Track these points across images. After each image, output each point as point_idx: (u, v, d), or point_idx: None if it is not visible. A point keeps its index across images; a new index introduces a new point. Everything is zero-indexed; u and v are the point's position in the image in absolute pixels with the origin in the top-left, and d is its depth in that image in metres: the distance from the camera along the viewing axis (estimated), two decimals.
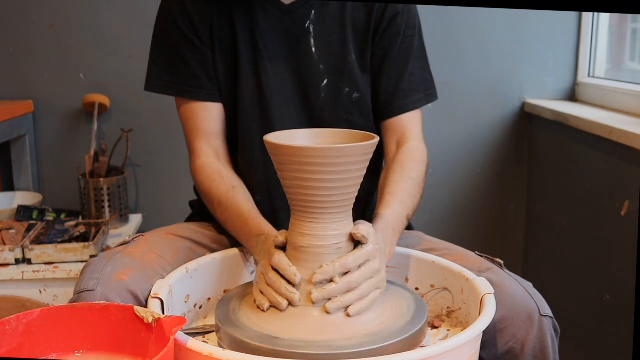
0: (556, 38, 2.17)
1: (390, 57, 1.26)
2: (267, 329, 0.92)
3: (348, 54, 1.23)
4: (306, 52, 1.22)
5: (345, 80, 1.23)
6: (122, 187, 2.01)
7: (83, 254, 1.72)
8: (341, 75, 1.23)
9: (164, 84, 1.25)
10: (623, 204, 1.63)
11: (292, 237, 0.97)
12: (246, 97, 1.23)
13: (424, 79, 1.30)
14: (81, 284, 1.01)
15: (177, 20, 1.22)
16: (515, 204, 2.27)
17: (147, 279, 1.03)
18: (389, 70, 1.26)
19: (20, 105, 2.07)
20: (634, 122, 1.71)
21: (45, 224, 1.88)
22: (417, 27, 1.29)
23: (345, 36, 1.23)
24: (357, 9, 1.23)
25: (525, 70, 2.19)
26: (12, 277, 1.69)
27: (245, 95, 1.23)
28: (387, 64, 1.26)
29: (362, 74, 1.25)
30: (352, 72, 1.24)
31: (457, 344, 0.84)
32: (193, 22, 1.22)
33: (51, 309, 0.86)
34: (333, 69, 1.23)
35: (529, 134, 2.21)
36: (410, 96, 1.28)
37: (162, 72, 1.25)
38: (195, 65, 1.23)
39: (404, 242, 1.23)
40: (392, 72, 1.26)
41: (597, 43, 2.13)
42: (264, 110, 1.23)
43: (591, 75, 2.16)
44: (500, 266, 1.11)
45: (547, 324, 1.02)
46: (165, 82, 1.25)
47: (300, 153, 0.91)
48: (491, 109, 2.21)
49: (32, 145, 2.14)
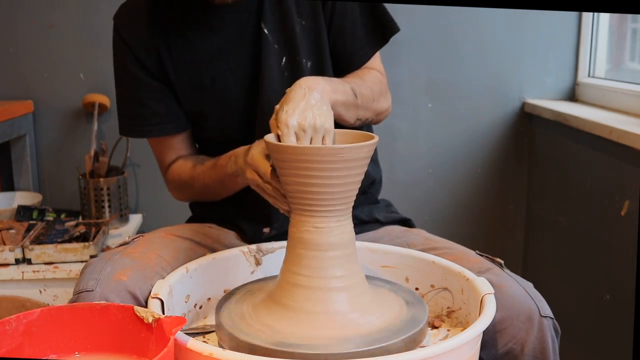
0: (556, 38, 2.17)
1: (339, 15, 1.25)
2: (267, 329, 0.92)
3: (296, 25, 1.23)
4: (260, 36, 1.22)
5: (297, 53, 1.23)
6: (122, 187, 2.01)
7: (83, 254, 1.72)
8: (294, 47, 1.23)
9: (129, 128, 1.30)
10: (623, 204, 1.63)
11: (293, 234, 0.97)
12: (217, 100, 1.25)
13: (376, 20, 1.28)
14: (80, 284, 1.01)
15: (126, 64, 1.25)
16: (515, 204, 2.27)
17: (146, 279, 1.03)
18: (342, 25, 1.26)
19: (20, 105, 2.07)
20: (634, 122, 1.71)
21: (45, 224, 1.88)
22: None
23: (290, 12, 1.23)
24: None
25: (525, 70, 2.19)
26: (12, 277, 1.69)
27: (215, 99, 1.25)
28: (339, 20, 1.25)
29: (316, 40, 1.25)
30: (305, 42, 1.24)
31: (457, 344, 0.84)
32: (139, 59, 1.23)
33: (51, 309, 0.86)
34: (287, 45, 1.23)
35: (529, 134, 2.21)
36: (368, 43, 1.28)
37: (125, 117, 1.29)
38: (153, 104, 1.25)
39: (404, 241, 1.23)
40: (345, 26, 1.26)
41: (597, 43, 2.13)
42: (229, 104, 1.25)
43: (591, 75, 2.16)
44: (500, 266, 1.11)
45: (547, 325, 1.02)
46: (129, 126, 1.29)
47: (301, 153, 0.91)
48: (491, 109, 2.21)
49: (32, 145, 2.14)
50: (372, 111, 1.23)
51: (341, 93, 1.11)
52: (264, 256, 1.17)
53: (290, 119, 0.97)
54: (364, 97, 1.18)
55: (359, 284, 0.97)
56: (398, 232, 1.29)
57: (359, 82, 1.20)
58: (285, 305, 0.95)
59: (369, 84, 1.22)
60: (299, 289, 0.95)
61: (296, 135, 0.98)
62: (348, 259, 0.96)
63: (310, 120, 0.98)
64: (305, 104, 0.99)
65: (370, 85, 1.22)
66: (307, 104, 0.99)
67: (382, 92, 1.26)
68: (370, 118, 1.24)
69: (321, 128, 0.99)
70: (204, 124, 1.27)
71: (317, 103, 1.00)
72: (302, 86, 1.03)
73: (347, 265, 0.96)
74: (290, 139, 0.97)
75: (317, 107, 1.00)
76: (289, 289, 0.95)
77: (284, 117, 0.98)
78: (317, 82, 1.05)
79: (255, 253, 1.17)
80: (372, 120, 1.26)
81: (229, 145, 1.21)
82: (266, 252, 1.17)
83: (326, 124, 0.99)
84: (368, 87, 1.21)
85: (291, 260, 0.97)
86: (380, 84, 1.27)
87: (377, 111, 1.25)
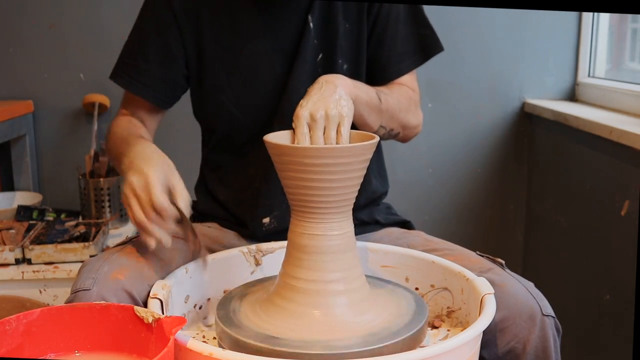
0: (556, 38, 2.17)
1: (381, 25, 1.25)
2: (267, 329, 0.92)
3: (340, 25, 1.23)
4: (304, 27, 1.22)
5: (336, 53, 1.23)
6: (122, 187, 2.01)
7: (83, 254, 1.72)
8: (333, 47, 1.23)
9: (119, 74, 1.28)
10: (623, 204, 1.63)
11: (293, 237, 0.97)
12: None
13: (418, 36, 1.28)
14: (78, 283, 1.01)
15: (157, 14, 1.23)
16: (515, 204, 2.27)
17: (144, 279, 1.02)
18: (384, 39, 1.26)
19: (20, 105, 2.07)
20: (634, 122, 1.71)
21: (45, 224, 1.88)
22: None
23: (337, 11, 1.22)
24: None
25: (525, 70, 2.19)
26: (12, 277, 1.69)
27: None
28: (380, 31, 1.25)
29: (356, 46, 1.25)
30: (345, 44, 1.23)
31: (457, 344, 0.84)
32: (176, 15, 1.22)
33: (51, 309, 0.86)
34: (327, 43, 1.23)
35: (529, 134, 2.21)
36: (405, 59, 1.28)
37: (122, 64, 1.28)
38: (155, 65, 1.24)
39: (404, 242, 1.23)
40: (384, 39, 1.26)
41: (597, 43, 2.13)
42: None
43: (591, 75, 2.16)
44: (501, 266, 1.11)
45: (549, 324, 1.02)
46: (120, 72, 1.28)
47: (301, 153, 0.91)
48: (491, 109, 2.21)
49: (32, 145, 2.14)
50: (398, 123, 1.21)
51: (364, 92, 1.10)
52: (263, 256, 1.17)
53: (302, 111, 0.98)
54: (389, 104, 1.17)
55: (359, 284, 0.97)
56: (398, 234, 1.29)
57: (386, 91, 1.19)
58: (284, 306, 0.95)
59: (396, 95, 1.21)
60: (298, 289, 0.95)
61: (308, 126, 0.97)
62: (348, 258, 0.96)
63: (321, 111, 0.98)
64: (320, 96, 1.00)
65: (397, 97, 1.21)
66: (321, 96, 1.00)
67: (410, 108, 1.25)
68: (397, 130, 1.22)
69: (335, 116, 0.98)
70: (222, 97, 1.25)
71: (333, 94, 1.00)
72: (320, 81, 1.04)
73: (347, 265, 0.96)
74: (302, 130, 0.97)
75: (332, 97, 1.00)
76: (289, 289, 0.95)
77: (297, 110, 0.99)
78: (337, 76, 1.05)
79: (254, 253, 1.16)
80: (399, 134, 1.24)
81: (245, 124, 1.20)
82: (266, 252, 1.17)
83: (342, 111, 0.99)
84: (395, 98, 1.20)
85: (291, 260, 0.97)
86: (409, 99, 1.26)
87: (405, 124, 1.23)
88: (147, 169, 0.99)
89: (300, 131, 0.97)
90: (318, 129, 0.98)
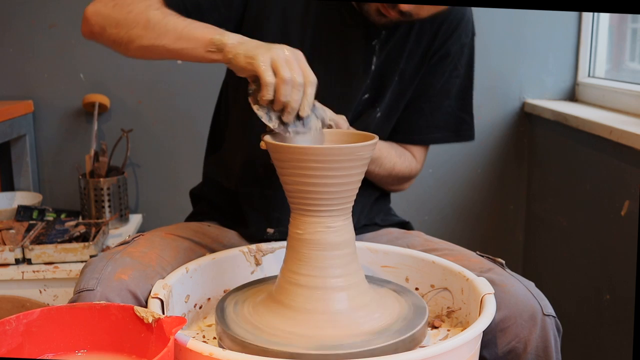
0: (556, 38, 2.16)
1: (429, 94, 1.27)
2: (268, 328, 0.92)
3: (394, 79, 1.23)
4: (364, 62, 1.20)
5: (379, 100, 1.23)
6: (122, 187, 2.01)
7: (83, 254, 1.72)
8: (380, 97, 1.23)
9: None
10: (623, 204, 1.63)
11: (293, 237, 0.97)
12: None
13: (456, 118, 1.30)
14: (81, 283, 1.01)
15: None
16: (515, 204, 2.27)
17: (147, 279, 1.03)
18: (423, 106, 1.27)
19: (20, 105, 2.06)
20: (634, 122, 1.71)
21: (45, 224, 1.87)
22: (466, 67, 1.28)
23: (398, 64, 1.22)
24: (417, 43, 1.22)
25: (525, 70, 2.19)
26: (12, 277, 1.69)
27: None
28: (424, 99, 1.27)
29: (397, 100, 1.26)
30: (390, 96, 1.24)
31: (456, 344, 0.84)
32: None
33: (51, 309, 0.86)
34: (376, 91, 1.23)
35: (529, 134, 2.21)
36: (432, 133, 1.29)
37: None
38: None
39: (404, 242, 1.23)
40: (425, 108, 1.27)
41: (597, 43, 2.13)
42: None
43: (591, 75, 2.16)
44: (501, 266, 1.11)
45: (550, 323, 1.03)
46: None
47: (301, 153, 0.91)
48: (491, 109, 2.20)
49: (32, 145, 2.14)
50: (386, 171, 1.25)
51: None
52: (263, 256, 1.17)
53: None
54: (383, 154, 1.21)
55: (359, 284, 0.97)
56: (397, 234, 1.29)
57: (387, 146, 1.22)
58: (285, 305, 0.95)
59: (394, 154, 1.25)
60: (299, 289, 0.95)
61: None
62: (348, 258, 0.96)
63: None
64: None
65: (395, 158, 1.25)
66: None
67: (402, 176, 1.28)
68: (383, 175, 1.26)
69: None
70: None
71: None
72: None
73: (347, 265, 0.96)
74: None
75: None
76: (289, 288, 0.96)
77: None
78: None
79: (255, 253, 1.17)
80: (382, 179, 1.28)
81: None
82: (266, 252, 1.17)
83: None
84: (393, 157, 1.24)
85: (291, 260, 0.97)
86: (407, 169, 1.28)
87: (392, 177, 1.27)
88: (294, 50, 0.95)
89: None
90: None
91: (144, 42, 1.04)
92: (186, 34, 1.01)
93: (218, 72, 1.37)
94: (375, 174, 1.25)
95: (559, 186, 2.04)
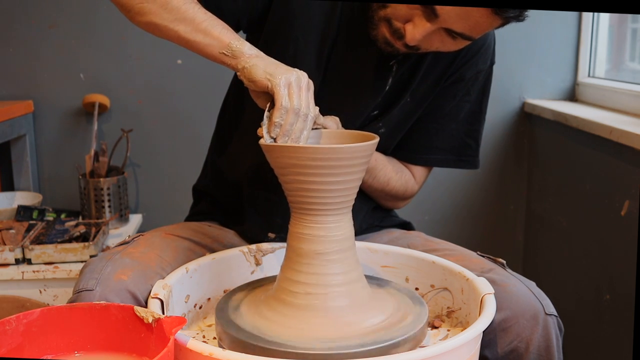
0: (556, 38, 2.16)
1: (436, 115, 1.26)
2: (268, 328, 0.92)
3: (405, 98, 1.22)
4: (380, 81, 1.20)
5: (385, 116, 1.23)
6: (122, 187, 2.01)
7: (83, 254, 1.72)
8: (387, 113, 1.23)
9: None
10: (623, 204, 1.63)
11: (293, 237, 0.97)
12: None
13: (461, 142, 1.28)
14: (80, 283, 1.01)
15: None
16: (515, 204, 2.27)
17: (147, 279, 1.02)
18: (429, 126, 1.26)
19: (20, 105, 2.06)
20: (634, 122, 1.71)
21: (45, 224, 1.87)
22: (478, 93, 1.27)
23: (411, 84, 1.21)
24: (434, 66, 1.21)
25: (525, 70, 2.18)
26: (12, 277, 1.69)
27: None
28: (431, 120, 1.26)
29: (405, 120, 1.25)
30: (397, 114, 1.23)
31: (456, 344, 0.84)
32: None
33: (51, 309, 0.86)
34: (385, 108, 1.22)
35: (529, 134, 2.21)
36: (434, 153, 1.28)
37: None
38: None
39: (404, 242, 1.23)
40: (431, 128, 1.27)
41: (597, 43, 2.13)
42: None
43: (591, 75, 2.16)
44: (502, 266, 1.11)
45: (552, 323, 1.03)
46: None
47: (300, 153, 0.91)
48: (491, 109, 2.17)
49: (32, 145, 2.14)
50: (380, 184, 1.24)
51: None
52: (263, 256, 1.17)
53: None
54: (378, 166, 1.20)
55: (359, 284, 0.97)
56: (398, 234, 1.29)
57: (384, 159, 1.21)
58: (285, 305, 0.95)
59: (390, 169, 1.24)
60: (298, 289, 0.95)
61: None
62: (348, 258, 0.96)
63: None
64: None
65: (391, 173, 1.24)
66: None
67: (396, 193, 1.27)
68: (376, 187, 1.25)
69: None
70: None
71: None
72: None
73: (346, 265, 0.96)
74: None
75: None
76: (289, 288, 0.95)
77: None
78: None
79: (255, 253, 1.17)
80: (375, 193, 1.27)
81: None
82: (266, 252, 1.17)
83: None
84: (389, 171, 1.23)
85: (291, 260, 0.97)
86: (403, 187, 1.28)
87: (385, 192, 1.27)
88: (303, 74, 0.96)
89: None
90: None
91: (157, 20, 1.02)
92: (204, 28, 1.00)
93: (218, 72, 1.38)
94: (367, 184, 1.23)
95: (559, 186, 2.04)
